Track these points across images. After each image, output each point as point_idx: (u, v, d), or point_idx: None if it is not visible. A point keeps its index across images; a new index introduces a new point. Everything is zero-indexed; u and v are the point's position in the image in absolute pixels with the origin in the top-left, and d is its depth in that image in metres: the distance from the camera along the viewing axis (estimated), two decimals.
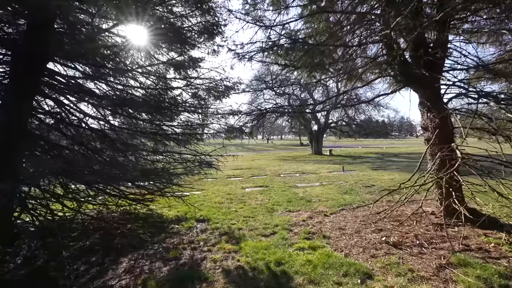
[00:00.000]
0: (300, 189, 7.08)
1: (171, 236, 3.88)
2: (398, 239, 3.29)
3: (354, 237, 3.52)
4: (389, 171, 10.82)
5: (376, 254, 2.99)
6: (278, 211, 5.04)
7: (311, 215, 4.65)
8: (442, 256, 2.87)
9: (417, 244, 3.19)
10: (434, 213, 4.13)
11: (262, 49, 4.68)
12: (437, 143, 3.81)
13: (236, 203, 5.72)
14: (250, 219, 4.57)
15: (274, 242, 3.46)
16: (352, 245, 3.27)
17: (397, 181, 8.10)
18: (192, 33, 4.71)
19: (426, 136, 4.08)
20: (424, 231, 3.60)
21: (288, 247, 3.30)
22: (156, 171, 3.86)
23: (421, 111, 4.11)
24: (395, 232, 3.62)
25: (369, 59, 4.82)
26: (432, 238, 3.35)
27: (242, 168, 12.47)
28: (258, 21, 4.58)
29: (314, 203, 5.48)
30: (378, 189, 6.75)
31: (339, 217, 4.44)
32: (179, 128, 5.15)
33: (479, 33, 3.99)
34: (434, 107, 3.71)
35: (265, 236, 3.75)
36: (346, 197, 5.94)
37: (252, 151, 28.33)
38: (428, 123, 3.96)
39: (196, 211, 5.15)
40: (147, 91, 4.94)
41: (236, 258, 3.05)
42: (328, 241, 3.47)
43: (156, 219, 4.77)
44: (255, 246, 3.33)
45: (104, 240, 3.68)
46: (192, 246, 3.48)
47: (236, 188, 7.48)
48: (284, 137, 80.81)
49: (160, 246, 3.54)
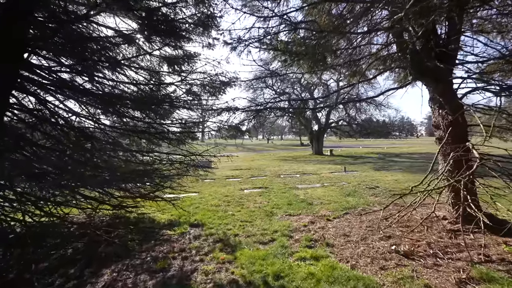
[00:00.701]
0: (300, 191, 6.77)
1: (161, 243, 3.57)
2: (409, 248, 2.98)
3: (361, 245, 3.21)
4: (392, 171, 10.50)
5: (386, 266, 2.68)
6: (277, 214, 4.73)
7: (312, 219, 4.34)
8: (460, 268, 2.56)
9: (430, 253, 2.88)
10: (446, 218, 3.82)
11: (259, 41, 4.38)
12: (450, 142, 3.50)
13: (234, 206, 5.42)
14: (248, 224, 4.27)
15: (273, 250, 3.16)
16: (359, 255, 2.96)
17: (402, 182, 7.82)
18: (186, 25, 4.41)
19: (437, 134, 3.77)
20: (437, 238, 3.29)
21: (288, 257, 3.00)
22: (138, 172, 3.53)
23: (432, 107, 3.80)
24: (405, 239, 3.31)
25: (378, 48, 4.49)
26: (447, 246, 3.04)
27: (241, 169, 12.17)
28: (256, 11, 4.28)
29: (315, 206, 5.17)
30: (383, 191, 6.44)
31: (343, 222, 4.13)
32: (172, 127, 4.86)
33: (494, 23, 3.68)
34: (447, 102, 3.40)
35: (263, 243, 3.44)
36: (350, 199, 5.63)
37: (252, 151, 28.04)
38: (439, 121, 3.65)
39: (191, 214, 4.85)
40: (139, 87, 4.64)
41: (231, 270, 2.74)
42: (332, 249, 3.16)
43: (148, 223, 4.47)
44: (252, 255, 3.02)
45: (87, 248, 3.38)
46: (183, 255, 3.17)
47: (235, 190, 7.18)
48: (284, 137, 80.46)
49: (148, 255, 3.23)
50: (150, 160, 3.82)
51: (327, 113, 22.41)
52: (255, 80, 20.00)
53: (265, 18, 4.35)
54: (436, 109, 3.69)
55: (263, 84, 20.81)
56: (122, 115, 4.35)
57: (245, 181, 8.66)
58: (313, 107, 14.41)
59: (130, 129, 4.12)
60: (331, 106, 18.52)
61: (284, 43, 4.85)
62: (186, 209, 5.21)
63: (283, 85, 22.41)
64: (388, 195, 5.97)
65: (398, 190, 6.43)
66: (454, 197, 3.51)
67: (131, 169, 3.50)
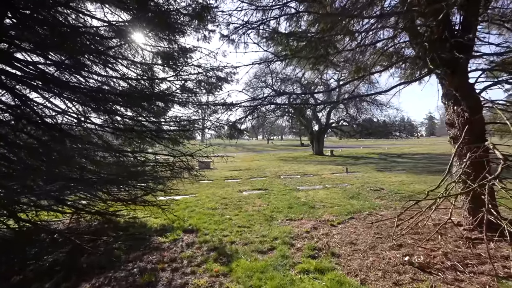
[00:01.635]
0: (301, 193, 6.47)
1: (151, 252, 3.27)
2: (424, 259, 2.68)
3: (369, 255, 2.91)
4: (395, 172, 10.21)
5: (401, 281, 2.38)
6: (277, 219, 4.43)
7: (315, 224, 4.04)
8: (485, 284, 2.26)
9: (449, 266, 2.58)
10: (461, 224, 3.52)
11: (258, 34, 4.08)
12: (467, 142, 3.20)
13: (231, 209, 5.11)
14: (246, 229, 3.96)
15: (273, 261, 2.85)
16: (369, 267, 2.66)
17: (407, 184, 7.52)
18: (179, 15, 4.10)
19: (451, 133, 3.47)
20: (454, 247, 2.98)
21: (289, 269, 2.69)
22: (122, 175, 3.22)
23: (446, 104, 3.50)
24: (418, 248, 3.01)
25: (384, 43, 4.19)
26: (466, 257, 2.74)
27: (240, 169, 11.87)
28: (255, 0, 3.98)
29: (318, 210, 4.87)
30: (388, 193, 6.13)
31: (348, 228, 3.83)
32: (165, 125, 4.55)
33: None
34: (464, 97, 3.10)
35: (262, 252, 3.14)
36: (354, 202, 5.32)
37: (252, 151, 27.75)
38: (454, 118, 3.35)
39: (186, 218, 4.55)
40: (130, 82, 4.34)
41: (225, 285, 2.44)
42: (338, 260, 2.86)
43: (138, 228, 4.16)
44: (249, 267, 2.72)
45: (69, 257, 3.07)
46: (173, 266, 2.87)
47: (233, 192, 6.88)
48: (284, 137, 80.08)
49: (135, 265, 2.93)
50: (136, 161, 3.50)
51: (328, 112, 22.12)
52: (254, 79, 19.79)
53: (264, 8, 4.06)
54: (450, 106, 3.39)
55: (263, 84, 20.49)
56: (112, 112, 4.05)
57: (244, 182, 8.36)
58: (316, 104, 14.05)
59: (118, 128, 3.81)
60: (337, 102, 18.16)
61: (285, 35, 4.56)
62: (181, 213, 4.92)
63: (283, 85, 22.09)
64: (395, 198, 5.67)
65: (405, 193, 6.13)
66: (471, 202, 3.21)
67: (114, 171, 3.19)
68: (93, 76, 4.12)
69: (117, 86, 4.31)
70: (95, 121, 4.15)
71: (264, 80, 20.54)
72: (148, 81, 4.40)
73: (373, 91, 17.31)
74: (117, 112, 4.13)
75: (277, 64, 6.05)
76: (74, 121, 3.53)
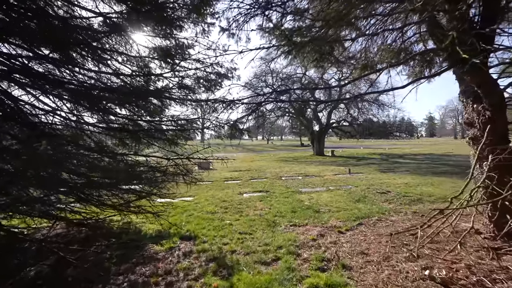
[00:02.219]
0: (304, 195, 6.20)
1: (144, 262, 3.00)
2: (446, 273, 2.42)
3: (384, 268, 2.65)
4: (399, 173, 9.95)
5: None
6: (280, 224, 4.16)
7: (322, 231, 3.77)
8: None
9: (475, 282, 2.32)
10: (481, 232, 3.25)
11: (260, 28, 3.82)
12: (488, 143, 2.93)
13: (232, 213, 4.85)
14: (247, 236, 3.69)
15: (277, 274, 2.58)
16: (385, 282, 2.39)
17: (413, 186, 7.24)
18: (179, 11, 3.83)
19: (470, 134, 3.21)
20: (476, 259, 2.72)
21: (296, 284, 2.43)
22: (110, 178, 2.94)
23: (464, 102, 3.24)
24: (437, 260, 2.74)
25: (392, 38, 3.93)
26: (492, 271, 2.47)
27: (241, 170, 11.59)
28: None
29: (323, 215, 4.60)
30: (396, 196, 5.86)
31: (357, 235, 3.56)
32: (162, 125, 4.28)
33: None
34: (487, 94, 2.83)
35: (265, 264, 2.87)
36: (361, 206, 5.06)
37: (252, 152, 27.47)
38: (474, 117, 3.09)
39: (183, 224, 4.28)
40: (124, 79, 4.06)
41: None
42: (350, 273, 2.59)
43: (132, 235, 3.89)
44: (252, 282, 2.45)
45: (54, 270, 2.80)
46: (168, 280, 2.60)
47: (233, 194, 6.60)
48: (284, 138, 79.82)
49: (125, 279, 2.66)
50: (126, 164, 3.22)
51: (329, 112, 21.86)
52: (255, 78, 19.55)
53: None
54: (469, 104, 3.13)
55: (263, 84, 20.23)
56: (104, 110, 3.77)
57: (245, 184, 8.08)
58: (320, 101, 13.78)
59: (111, 128, 3.53)
60: (349, 99, 17.87)
61: (289, 30, 4.30)
62: (178, 217, 4.65)
63: (283, 86, 21.85)
64: (403, 202, 5.41)
65: (413, 196, 5.87)
66: (493, 208, 2.95)
67: (103, 175, 2.92)
68: (84, 72, 3.85)
69: (109, 83, 4.05)
70: (87, 120, 3.91)
71: (264, 79, 20.32)
72: (143, 78, 4.13)
73: (375, 90, 17.03)
74: (110, 110, 3.87)
75: (278, 64, 5.80)
76: (64, 121, 3.24)
